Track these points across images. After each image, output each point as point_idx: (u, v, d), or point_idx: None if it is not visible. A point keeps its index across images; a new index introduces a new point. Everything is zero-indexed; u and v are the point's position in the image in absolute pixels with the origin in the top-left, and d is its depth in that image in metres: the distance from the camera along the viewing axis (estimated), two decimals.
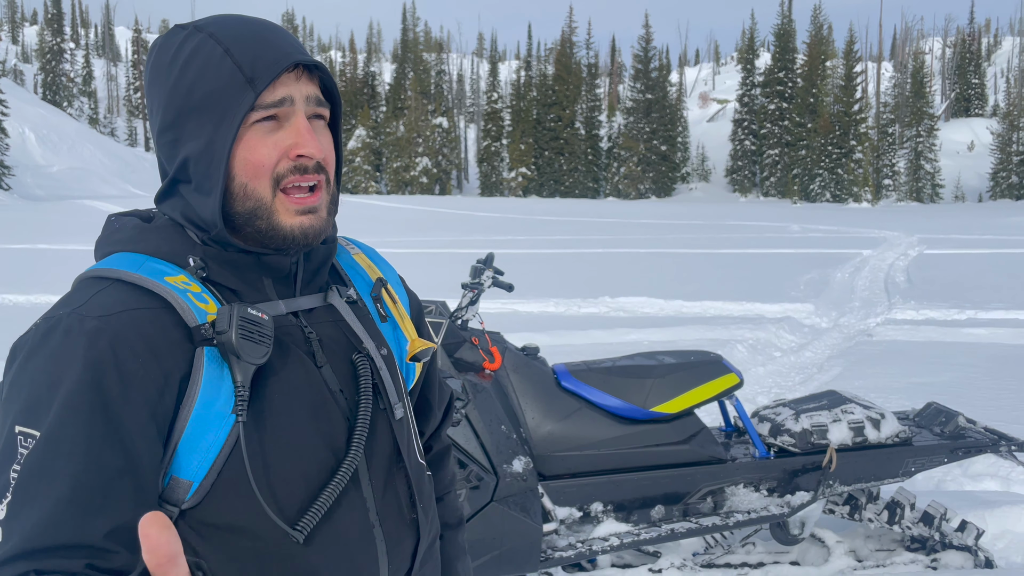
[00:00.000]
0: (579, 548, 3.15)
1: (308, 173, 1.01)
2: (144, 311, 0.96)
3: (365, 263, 1.20)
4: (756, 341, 8.18)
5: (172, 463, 0.94)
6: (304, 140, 1.00)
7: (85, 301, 0.96)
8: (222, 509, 0.95)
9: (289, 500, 0.97)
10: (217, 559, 0.96)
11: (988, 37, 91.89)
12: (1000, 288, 11.72)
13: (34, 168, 41.31)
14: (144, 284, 0.97)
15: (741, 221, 29.07)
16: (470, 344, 3.28)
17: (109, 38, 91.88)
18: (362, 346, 1.08)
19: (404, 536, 1.08)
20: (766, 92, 61.43)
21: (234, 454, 0.95)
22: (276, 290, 1.06)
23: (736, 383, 3.46)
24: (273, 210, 1.01)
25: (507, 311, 9.89)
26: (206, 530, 0.96)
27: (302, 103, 1.01)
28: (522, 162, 62.20)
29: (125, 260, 1.01)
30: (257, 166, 0.99)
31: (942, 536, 3.53)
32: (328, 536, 0.99)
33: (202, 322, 0.96)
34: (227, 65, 0.98)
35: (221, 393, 0.95)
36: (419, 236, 21.43)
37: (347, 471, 1.00)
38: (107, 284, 0.98)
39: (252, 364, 0.95)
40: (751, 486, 3.40)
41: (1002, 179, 54.07)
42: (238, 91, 0.97)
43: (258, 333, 0.96)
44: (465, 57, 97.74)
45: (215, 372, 0.96)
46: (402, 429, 1.10)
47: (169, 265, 1.01)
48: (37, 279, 12.61)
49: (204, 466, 0.95)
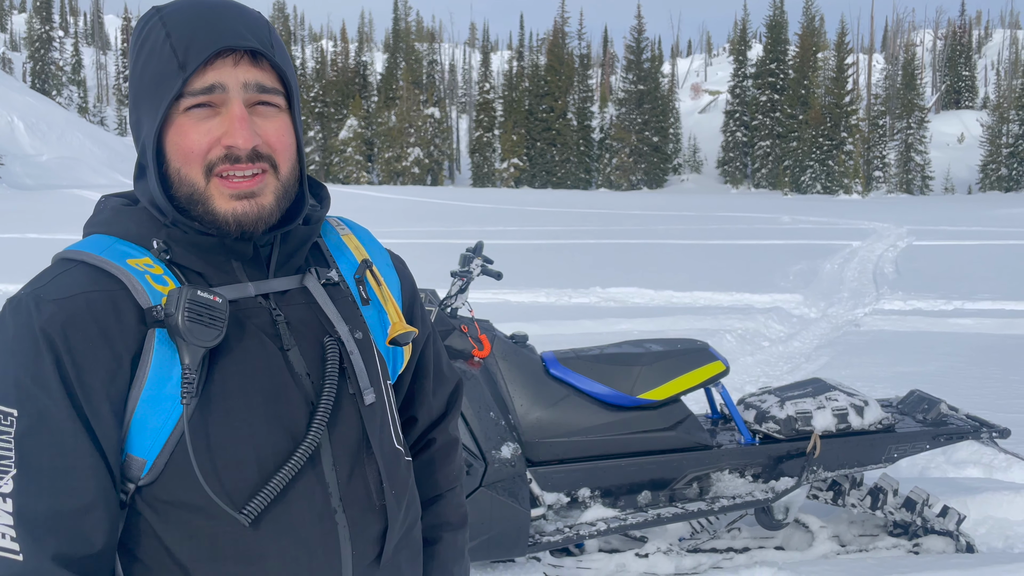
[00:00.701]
0: (567, 533, 3.19)
1: (240, 163, 0.99)
2: (98, 293, 0.98)
3: (353, 244, 1.19)
4: (745, 331, 8.23)
5: (127, 441, 0.97)
6: (233, 130, 0.98)
7: (47, 282, 0.99)
8: (175, 488, 0.98)
9: (240, 484, 0.98)
10: (173, 536, 0.99)
11: (979, 29, 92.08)
12: (987, 279, 11.81)
13: (23, 157, 41.03)
14: (104, 266, 1.00)
15: (732, 212, 29.14)
16: (459, 332, 3.31)
17: (98, 26, 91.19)
18: (333, 329, 1.07)
19: (370, 522, 1.07)
20: (758, 83, 61.47)
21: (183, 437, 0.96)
22: (247, 272, 1.05)
23: (722, 371, 3.50)
24: (208, 195, 1.00)
25: (498, 301, 9.91)
26: (162, 507, 0.98)
27: (238, 90, 0.99)
28: (514, 153, 62.13)
29: (96, 242, 1.03)
30: (187, 152, 0.99)
31: (924, 521, 3.58)
32: (282, 520, 1.00)
33: (155, 303, 0.97)
34: (167, 49, 0.98)
35: (172, 376, 0.97)
36: (411, 227, 21.41)
37: (302, 455, 0.99)
38: (72, 266, 1.01)
39: (201, 347, 0.96)
40: (736, 472, 3.45)
41: (991, 171, 54.32)
42: (172, 76, 0.97)
43: (208, 316, 0.96)
44: (457, 47, 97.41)
45: (166, 355, 0.97)
46: (372, 415, 1.08)
47: (135, 247, 1.03)
48: (27, 269, 12.54)
49: (156, 446, 0.97)
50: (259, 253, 1.06)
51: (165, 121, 0.99)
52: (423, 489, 1.28)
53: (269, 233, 1.05)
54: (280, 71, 1.02)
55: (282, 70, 1.02)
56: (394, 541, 1.11)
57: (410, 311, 1.22)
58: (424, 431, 1.29)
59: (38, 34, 65.19)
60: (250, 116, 1.00)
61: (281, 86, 1.03)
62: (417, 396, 1.26)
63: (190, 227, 1.02)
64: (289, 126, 1.04)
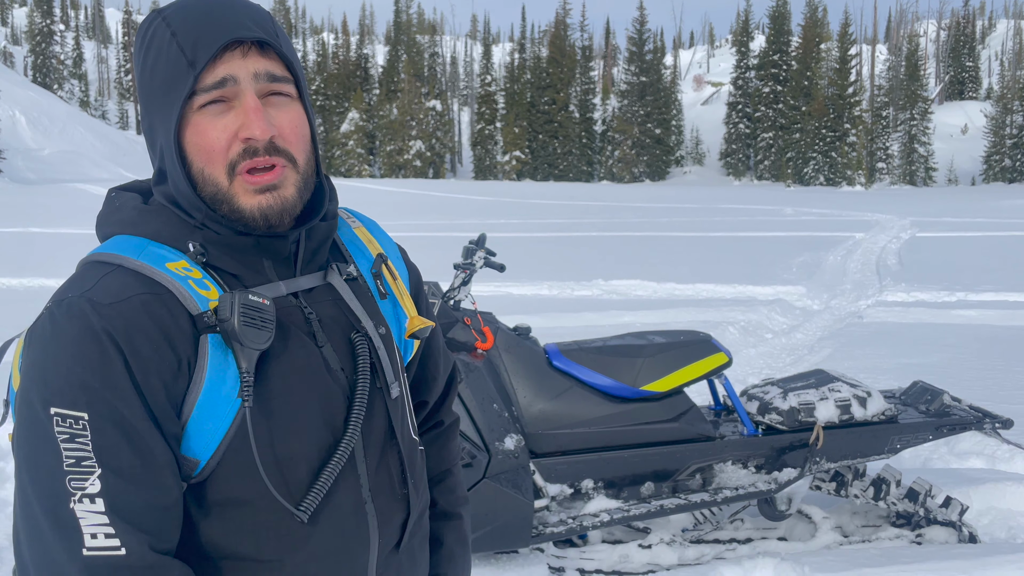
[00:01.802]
0: (570, 524, 3.20)
1: (259, 156, 0.99)
2: (151, 296, 0.97)
3: (366, 237, 1.20)
4: (748, 323, 8.23)
5: (180, 442, 0.98)
6: (249, 122, 0.97)
7: (93, 285, 0.97)
8: (226, 486, 0.99)
9: (292, 479, 1.00)
10: (217, 530, 1.00)
11: (983, 20, 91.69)
12: (991, 270, 11.79)
13: (25, 151, 41.02)
14: (146, 272, 0.99)
15: (735, 204, 29.09)
16: (462, 324, 3.31)
17: (99, 20, 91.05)
18: (360, 326, 1.09)
19: (395, 510, 1.11)
20: (760, 75, 61.28)
21: (239, 435, 0.97)
22: (277, 271, 1.06)
23: (725, 362, 3.50)
24: (232, 194, 1.00)
25: (500, 294, 9.92)
26: (209, 504, 0.99)
27: (250, 81, 0.98)
28: (516, 145, 62.02)
29: (126, 244, 1.02)
30: (208, 151, 0.98)
31: (927, 512, 3.59)
32: (324, 512, 1.02)
33: (204, 310, 0.98)
34: (174, 49, 0.97)
35: (227, 378, 0.98)
36: (412, 220, 21.40)
37: (345, 451, 1.02)
38: (111, 269, 0.99)
39: (256, 350, 0.97)
40: (739, 463, 3.45)
41: (995, 162, 54.16)
42: (183, 75, 0.96)
43: (260, 319, 0.97)
44: (459, 39, 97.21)
45: (220, 358, 0.98)
46: (396, 408, 1.11)
47: (169, 250, 1.02)
48: (29, 263, 12.58)
49: (211, 446, 0.98)
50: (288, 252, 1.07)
51: (180, 122, 0.99)
52: (433, 466, 1.31)
53: (297, 228, 1.05)
54: (287, 60, 1.02)
55: (289, 59, 1.02)
56: (411, 527, 1.14)
57: (417, 301, 1.24)
58: (430, 413, 1.33)
59: (39, 28, 65.10)
60: (264, 107, 0.99)
61: (289, 74, 1.03)
62: (426, 381, 1.29)
63: (224, 228, 1.02)
64: (302, 115, 1.04)
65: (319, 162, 1.08)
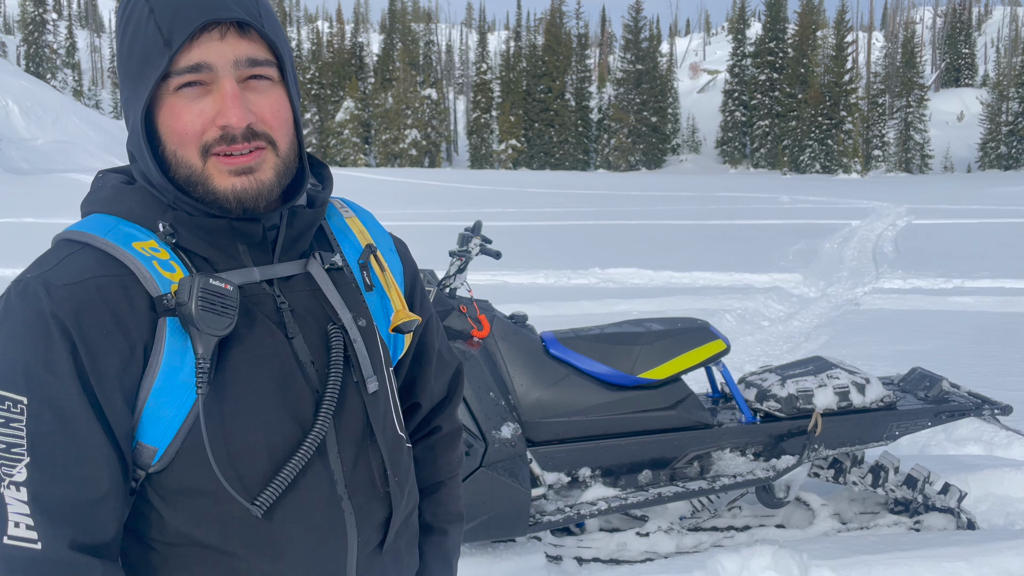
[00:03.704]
0: (567, 512, 3.18)
1: (236, 142, 0.96)
2: (109, 279, 0.95)
3: (357, 228, 1.16)
4: (745, 311, 8.22)
5: (138, 429, 0.96)
6: (226, 109, 0.94)
7: (53, 266, 0.95)
8: (186, 475, 0.96)
9: (252, 472, 0.97)
10: (183, 523, 0.97)
11: (979, 7, 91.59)
12: (987, 257, 11.80)
13: (18, 141, 40.81)
14: (110, 251, 0.96)
15: (731, 192, 29.07)
16: (458, 312, 3.28)
17: (92, 8, 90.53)
18: (337, 317, 1.05)
19: (375, 509, 1.07)
20: (757, 62, 61.19)
21: (197, 424, 0.95)
22: (252, 256, 1.02)
23: (723, 349, 3.48)
24: (207, 175, 0.97)
25: (497, 282, 9.89)
26: (171, 494, 0.97)
27: (229, 67, 0.95)
28: (512, 134, 61.89)
29: (99, 223, 1.00)
30: (181, 134, 0.96)
31: (925, 499, 3.58)
32: (291, 508, 0.99)
33: (164, 292, 0.95)
34: (151, 27, 0.93)
35: (184, 364, 0.95)
36: (408, 209, 21.35)
37: (310, 445, 0.99)
38: (76, 248, 0.98)
39: (214, 336, 0.94)
40: (737, 450, 3.44)
41: (991, 149, 54.21)
42: (157, 54, 0.93)
43: (221, 304, 0.94)
44: (454, 27, 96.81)
45: (178, 343, 0.95)
46: (376, 403, 1.07)
47: (140, 229, 0.99)
48: (23, 253, 12.51)
49: (168, 434, 0.95)
50: (266, 236, 1.03)
51: (155, 101, 0.96)
52: (425, 476, 1.26)
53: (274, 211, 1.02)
54: (270, 41, 0.98)
55: (272, 40, 0.98)
56: (396, 527, 1.11)
57: (411, 296, 1.20)
58: (427, 417, 1.28)
59: (31, 17, 64.70)
60: (243, 92, 0.96)
61: (273, 57, 0.99)
62: (418, 381, 1.24)
63: (196, 209, 0.99)
64: (284, 99, 1.00)
65: (302, 146, 1.05)
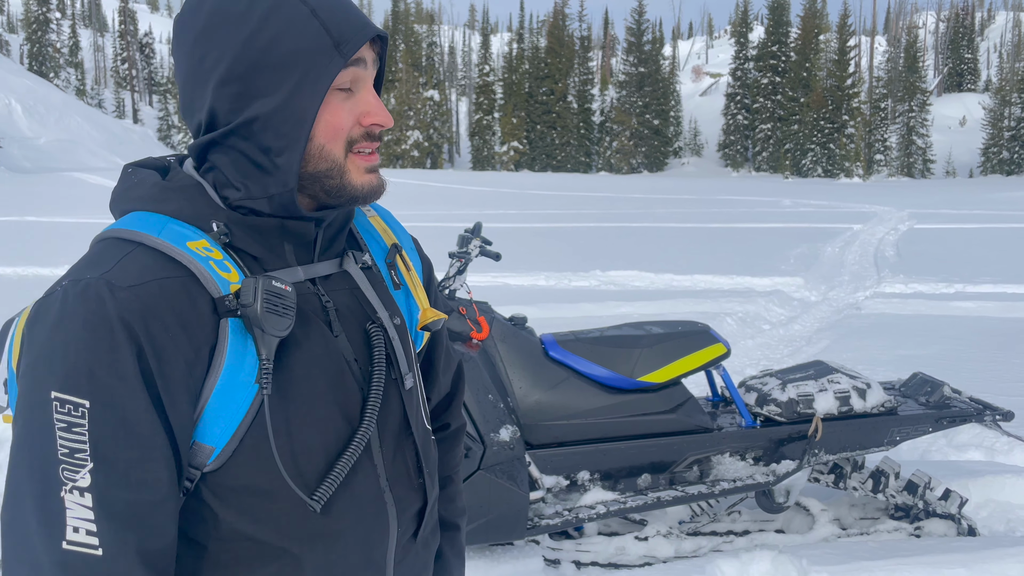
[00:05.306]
0: (566, 516, 3.17)
1: (375, 140, 1.03)
2: (171, 280, 0.94)
3: (381, 227, 1.19)
4: (745, 314, 8.20)
5: (196, 429, 0.96)
6: (377, 110, 1.02)
7: (112, 266, 0.93)
8: (242, 473, 0.97)
9: (308, 468, 0.99)
10: (236, 520, 0.98)
11: (982, 11, 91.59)
12: (989, 262, 11.77)
13: (21, 140, 40.87)
14: (166, 251, 0.95)
15: (733, 196, 29.05)
16: (457, 314, 3.27)
17: (95, 8, 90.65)
18: (376, 316, 1.08)
19: (412, 500, 1.11)
20: (759, 66, 61.20)
21: (256, 422, 0.96)
22: (296, 255, 1.04)
23: (723, 353, 3.46)
24: (345, 169, 1.01)
25: (498, 284, 9.88)
26: (226, 492, 0.97)
27: (373, 71, 1.03)
28: (514, 136, 61.92)
29: (148, 221, 0.98)
30: (336, 129, 1.00)
31: (926, 504, 3.56)
32: (343, 502, 1.01)
33: (225, 293, 0.95)
34: (314, 26, 0.96)
35: (245, 363, 0.96)
36: (410, 210, 21.35)
37: (361, 441, 1.02)
38: (131, 248, 0.95)
39: (276, 336, 0.95)
40: (737, 455, 3.42)
41: (993, 154, 54.16)
42: (325, 54, 0.96)
43: (282, 305, 0.96)
44: (457, 29, 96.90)
45: (239, 343, 0.96)
46: (411, 398, 1.11)
47: (191, 228, 0.98)
48: (25, 251, 12.52)
49: (227, 433, 0.96)
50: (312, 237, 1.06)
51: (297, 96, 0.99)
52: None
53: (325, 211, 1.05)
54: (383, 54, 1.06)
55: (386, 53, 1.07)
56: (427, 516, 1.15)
57: (428, 293, 1.24)
58: (434, 412, 1.32)
59: (35, 15, 64.77)
60: None
61: None
62: (429, 376, 1.28)
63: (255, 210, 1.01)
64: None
65: None
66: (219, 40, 0.97)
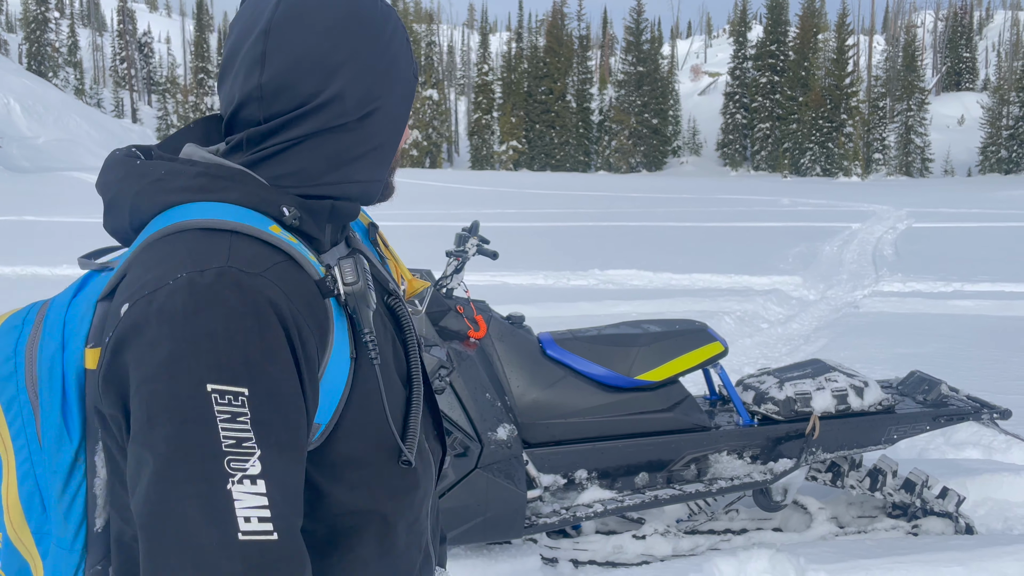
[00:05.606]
0: (563, 515, 3.17)
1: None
2: (286, 264, 0.94)
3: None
4: (744, 313, 8.20)
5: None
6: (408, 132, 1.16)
7: (229, 254, 0.91)
8: (343, 446, 0.99)
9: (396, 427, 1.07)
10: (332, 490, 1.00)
11: (980, 11, 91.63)
12: (987, 261, 11.78)
13: (19, 139, 40.81)
14: (263, 237, 0.94)
15: (731, 195, 29.06)
16: (455, 312, 3.27)
17: (94, 7, 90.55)
18: (390, 287, 1.14)
19: (436, 451, 1.21)
20: (758, 65, 61.20)
21: (356, 394, 0.99)
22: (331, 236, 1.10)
23: (721, 351, 3.46)
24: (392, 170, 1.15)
25: (496, 283, 9.88)
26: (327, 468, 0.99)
27: None
28: (513, 135, 61.91)
29: (223, 210, 0.96)
30: (405, 138, 1.15)
31: (923, 503, 3.56)
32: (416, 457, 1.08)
33: (321, 275, 0.97)
34: (409, 52, 1.12)
35: (342, 340, 0.99)
36: (409, 209, 21.34)
37: (419, 396, 1.09)
38: (230, 237, 0.93)
39: (371, 310, 1.00)
40: (735, 453, 3.42)
41: (991, 153, 54.20)
42: (413, 79, 1.12)
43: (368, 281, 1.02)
44: (456, 28, 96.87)
45: (339, 322, 0.99)
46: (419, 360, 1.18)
47: (260, 216, 0.97)
48: (24, 251, 12.51)
49: (330, 410, 0.97)
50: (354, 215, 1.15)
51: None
52: None
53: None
54: None
55: None
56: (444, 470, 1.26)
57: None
58: None
59: (34, 15, 64.70)
60: None
61: None
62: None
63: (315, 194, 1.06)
64: None
65: None
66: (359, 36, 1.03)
